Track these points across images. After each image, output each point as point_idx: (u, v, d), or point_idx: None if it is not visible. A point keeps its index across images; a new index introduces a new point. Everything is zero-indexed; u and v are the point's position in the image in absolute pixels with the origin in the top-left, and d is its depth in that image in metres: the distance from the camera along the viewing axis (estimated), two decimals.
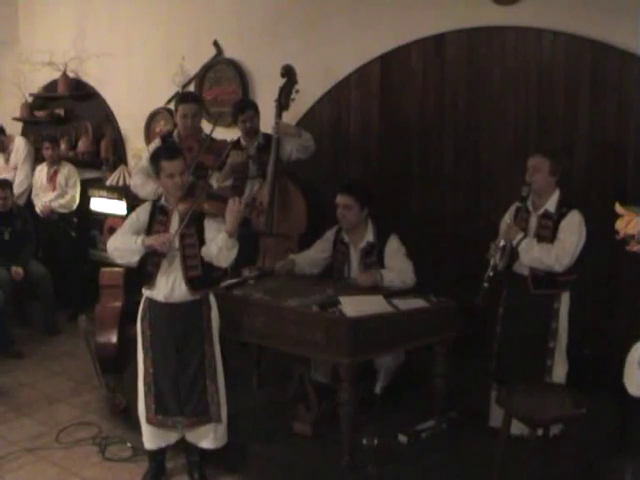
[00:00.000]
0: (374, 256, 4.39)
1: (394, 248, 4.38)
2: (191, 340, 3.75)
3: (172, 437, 3.88)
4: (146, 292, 3.80)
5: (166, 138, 5.05)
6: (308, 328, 3.79)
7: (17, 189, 6.64)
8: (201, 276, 3.71)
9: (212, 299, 3.83)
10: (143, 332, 3.81)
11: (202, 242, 3.69)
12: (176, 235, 3.64)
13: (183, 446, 3.98)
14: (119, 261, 3.79)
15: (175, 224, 3.71)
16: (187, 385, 3.74)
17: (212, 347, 3.78)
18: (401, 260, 4.36)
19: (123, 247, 3.70)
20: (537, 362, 3.97)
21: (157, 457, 3.99)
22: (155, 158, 3.75)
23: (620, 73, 4.42)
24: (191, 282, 3.69)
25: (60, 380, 5.32)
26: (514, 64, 4.77)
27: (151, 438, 3.88)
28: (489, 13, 4.77)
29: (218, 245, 3.61)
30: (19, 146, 6.97)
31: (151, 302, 3.78)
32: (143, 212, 3.80)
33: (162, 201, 3.79)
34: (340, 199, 4.41)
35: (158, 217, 3.76)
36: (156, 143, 5.06)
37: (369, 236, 4.44)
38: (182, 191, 3.68)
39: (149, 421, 3.81)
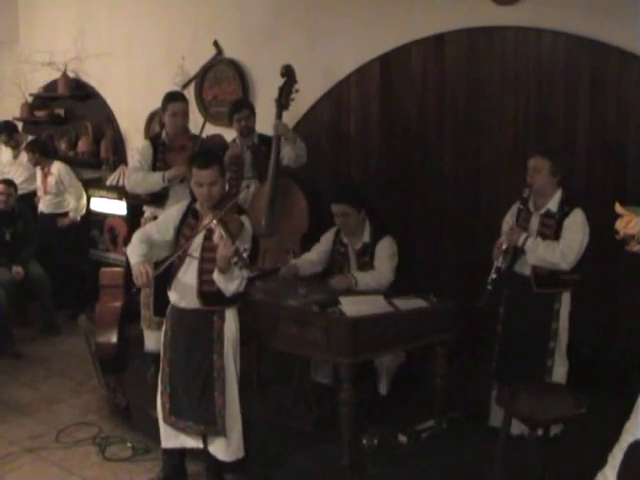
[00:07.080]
0: (368, 256, 4.38)
1: (382, 248, 4.36)
2: (199, 349, 3.65)
3: (187, 441, 3.76)
4: (168, 292, 3.74)
5: (155, 139, 4.90)
6: (308, 328, 3.79)
7: (21, 181, 6.73)
8: (216, 292, 3.56)
9: (230, 312, 3.67)
10: (165, 331, 3.76)
11: None
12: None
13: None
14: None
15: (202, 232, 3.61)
16: (197, 393, 3.66)
17: (222, 359, 3.65)
18: (383, 260, 4.33)
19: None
20: (537, 362, 3.97)
21: (172, 459, 3.87)
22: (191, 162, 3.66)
23: (620, 73, 4.41)
24: (203, 296, 3.59)
25: (60, 380, 5.31)
26: (514, 64, 4.76)
27: (165, 437, 3.81)
28: (489, 13, 4.77)
29: (215, 278, 3.50)
30: None
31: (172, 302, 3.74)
32: (178, 209, 3.72)
33: (197, 205, 3.67)
34: (336, 208, 4.38)
35: (189, 219, 3.66)
36: (144, 145, 4.92)
37: (365, 237, 4.43)
38: (211, 202, 3.54)
39: (164, 420, 3.76)
